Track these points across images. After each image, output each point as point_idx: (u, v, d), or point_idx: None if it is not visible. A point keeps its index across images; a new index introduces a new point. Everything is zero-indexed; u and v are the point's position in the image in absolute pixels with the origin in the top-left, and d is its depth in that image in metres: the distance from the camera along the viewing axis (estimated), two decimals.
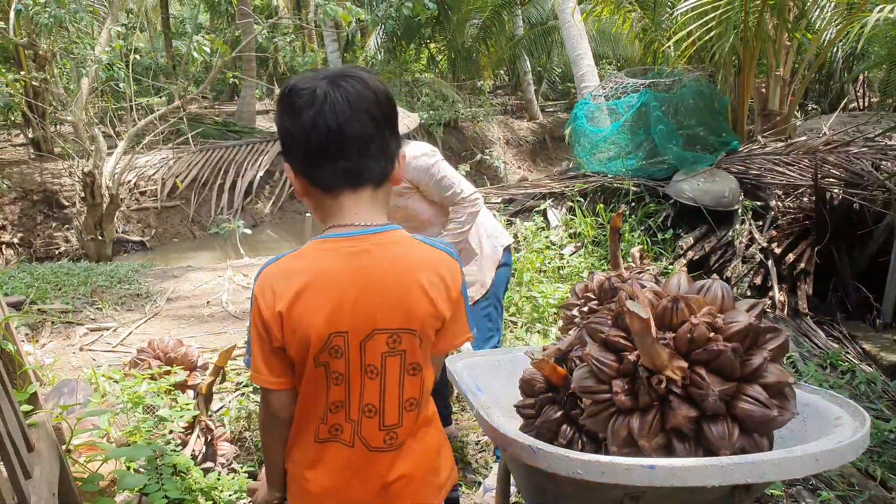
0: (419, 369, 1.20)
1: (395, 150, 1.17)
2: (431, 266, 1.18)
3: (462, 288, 1.23)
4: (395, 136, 1.17)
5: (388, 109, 1.14)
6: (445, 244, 1.24)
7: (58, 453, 1.48)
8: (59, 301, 4.45)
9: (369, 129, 1.10)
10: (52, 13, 5.33)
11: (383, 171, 1.15)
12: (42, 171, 9.42)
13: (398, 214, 2.39)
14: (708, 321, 1.31)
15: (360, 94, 1.10)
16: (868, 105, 11.49)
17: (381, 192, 1.18)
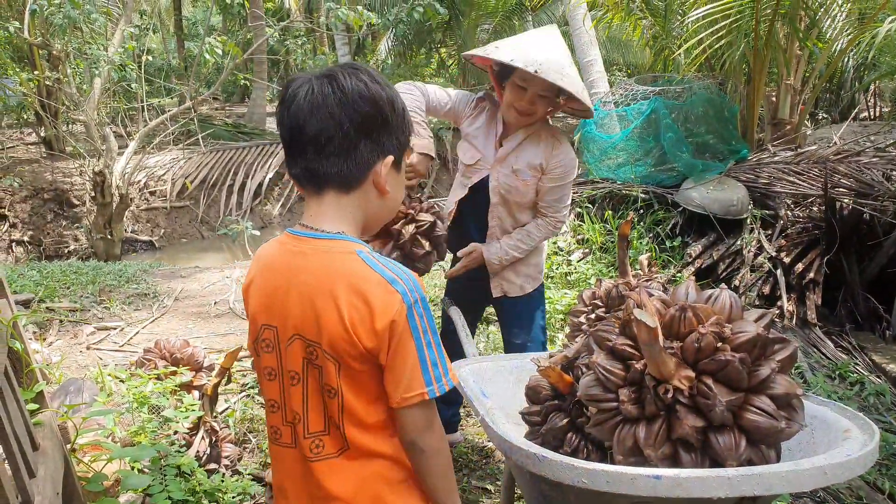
0: (335, 394, 1.10)
1: (368, 155, 1.10)
2: (357, 287, 1.06)
3: (410, 329, 1.06)
4: (371, 142, 1.10)
5: (362, 112, 1.07)
6: (401, 273, 1.08)
7: (63, 452, 1.49)
8: (67, 300, 4.48)
9: (328, 129, 1.07)
10: (67, 14, 5.38)
11: (346, 174, 1.10)
12: (53, 170, 9.51)
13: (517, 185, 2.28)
14: (716, 331, 1.30)
15: (328, 93, 1.07)
16: (879, 115, 11.42)
17: (349, 199, 1.13)
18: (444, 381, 1.09)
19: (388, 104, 1.11)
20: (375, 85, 1.09)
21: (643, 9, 6.18)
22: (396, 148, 1.14)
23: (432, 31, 13.56)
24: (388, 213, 1.22)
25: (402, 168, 1.19)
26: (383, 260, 1.11)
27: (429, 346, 1.08)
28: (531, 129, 2.29)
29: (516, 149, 2.28)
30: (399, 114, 1.13)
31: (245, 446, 2.78)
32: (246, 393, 3.21)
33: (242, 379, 3.35)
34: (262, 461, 2.68)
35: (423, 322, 1.08)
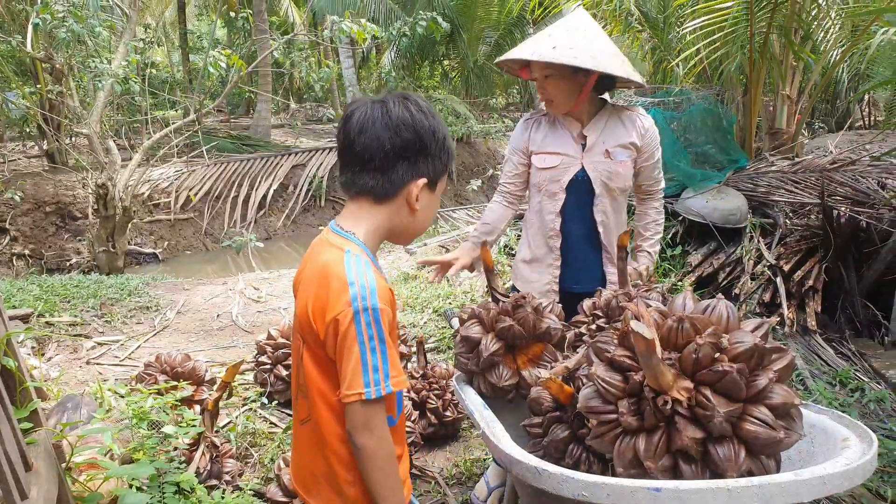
0: (301, 367, 1.30)
1: (403, 175, 1.26)
2: (326, 279, 1.21)
3: (355, 332, 1.16)
4: (408, 163, 1.25)
5: (403, 137, 1.23)
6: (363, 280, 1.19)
7: (57, 472, 1.49)
8: (67, 314, 4.49)
9: (372, 148, 1.23)
10: (70, 28, 5.42)
11: (380, 189, 1.26)
12: (56, 183, 9.54)
13: (615, 168, 2.25)
14: (713, 341, 1.30)
15: (377, 118, 1.23)
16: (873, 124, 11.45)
17: (379, 209, 1.29)
18: (382, 384, 1.17)
19: (428, 132, 1.25)
20: (420, 114, 1.25)
21: (642, 22, 6.23)
22: (432, 172, 1.29)
23: (435, 45, 13.65)
24: (418, 228, 1.35)
25: (436, 190, 1.33)
26: (361, 264, 1.21)
27: (373, 352, 1.17)
28: (605, 112, 2.28)
29: (601, 135, 2.26)
30: (439, 142, 1.27)
31: (247, 461, 2.78)
32: (248, 407, 3.21)
33: (244, 393, 3.35)
34: (263, 476, 2.67)
35: (371, 329, 1.17)
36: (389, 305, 1.23)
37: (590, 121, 2.28)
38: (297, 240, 11.40)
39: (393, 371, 1.20)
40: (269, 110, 14.92)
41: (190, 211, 10.57)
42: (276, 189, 11.59)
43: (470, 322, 1.90)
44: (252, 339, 4.11)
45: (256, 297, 5.28)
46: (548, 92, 2.20)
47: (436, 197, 1.34)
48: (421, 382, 2.91)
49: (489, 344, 1.81)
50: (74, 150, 8.97)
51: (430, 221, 1.38)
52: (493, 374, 1.82)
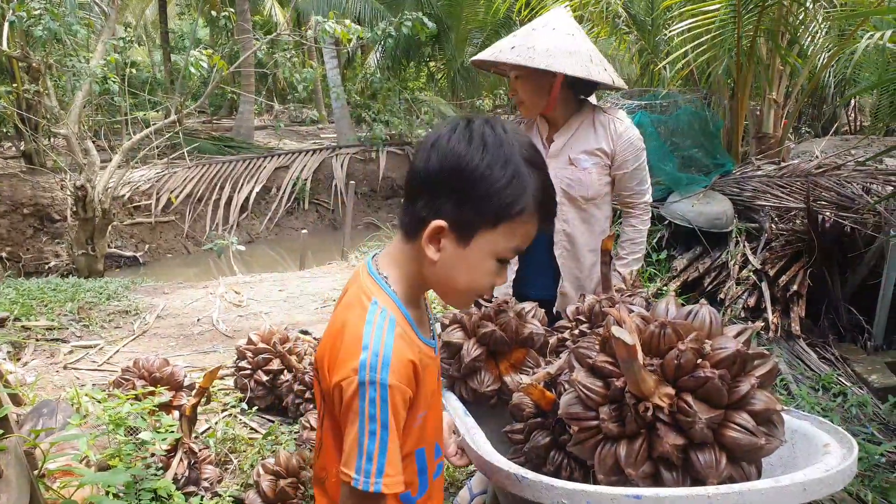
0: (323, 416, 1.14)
1: (421, 211, 1.04)
2: (341, 331, 1.05)
3: (357, 406, 0.98)
4: (430, 199, 1.03)
5: (437, 165, 1.02)
6: (378, 346, 1.00)
7: (28, 479, 1.44)
8: (44, 318, 4.41)
9: (413, 170, 1.07)
10: (46, 25, 5.32)
11: (406, 223, 1.08)
12: (33, 185, 9.40)
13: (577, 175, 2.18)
14: (695, 347, 1.29)
15: (437, 137, 1.05)
16: (859, 129, 11.60)
17: (408, 248, 1.09)
18: (372, 480, 0.99)
19: (470, 167, 1.00)
20: (478, 146, 1.01)
21: (629, 24, 6.24)
22: (458, 217, 1.02)
23: (421, 45, 13.63)
24: (448, 284, 1.09)
25: (474, 246, 1.04)
26: (383, 323, 1.03)
27: (371, 436, 0.98)
28: (580, 117, 2.22)
29: (569, 140, 2.20)
30: (484, 187, 1.00)
31: (226, 468, 2.73)
32: (228, 413, 3.16)
33: (224, 398, 3.30)
34: (243, 482, 2.63)
35: (374, 409, 0.98)
36: (408, 382, 1.02)
37: (563, 125, 2.23)
38: (279, 243, 11.32)
39: (389, 468, 1.00)
40: (251, 111, 14.82)
41: (171, 213, 10.46)
42: (258, 191, 11.50)
43: (451, 327, 1.87)
44: (233, 344, 4.05)
45: (238, 301, 5.22)
46: (518, 93, 2.16)
47: (474, 254, 1.05)
48: None
49: (471, 349, 1.78)
50: (52, 151, 8.84)
51: (471, 282, 1.08)
52: (475, 379, 1.79)
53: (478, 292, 1.11)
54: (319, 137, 15.91)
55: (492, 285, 1.11)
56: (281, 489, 2.24)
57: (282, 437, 2.85)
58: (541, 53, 2.06)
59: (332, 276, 6.28)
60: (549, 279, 2.31)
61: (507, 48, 2.11)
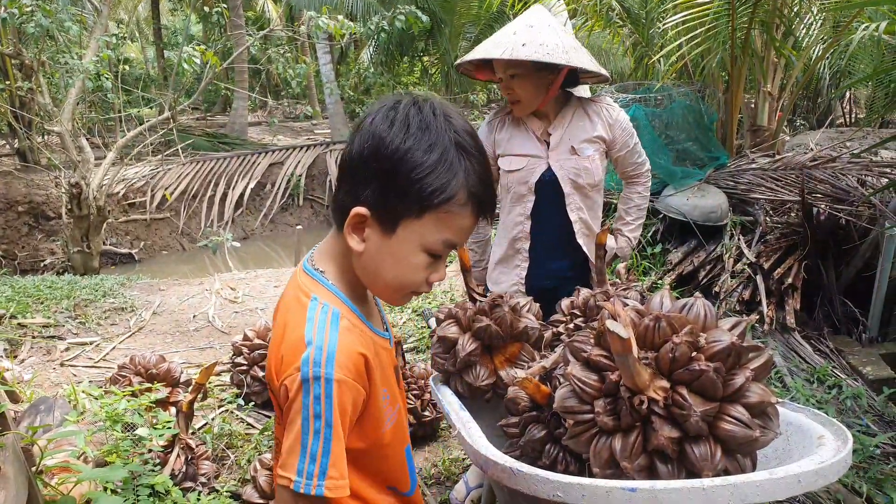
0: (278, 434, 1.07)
1: (343, 198, 0.98)
2: (284, 334, 0.98)
3: (300, 402, 0.91)
4: (351, 184, 0.96)
5: (360, 147, 0.95)
6: (322, 342, 0.93)
7: (26, 476, 1.44)
8: (40, 315, 4.39)
9: (339, 168, 1.00)
10: (38, 22, 5.28)
11: (333, 210, 1.02)
12: (28, 183, 9.35)
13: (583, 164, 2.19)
14: (690, 340, 1.29)
15: (353, 132, 0.98)
16: (854, 121, 11.62)
17: (339, 239, 1.02)
18: (314, 482, 0.90)
19: (391, 151, 0.92)
20: (401, 126, 0.93)
21: (623, 17, 6.23)
22: (378, 204, 0.94)
23: (415, 40, 13.60)
24: (371, 278, 1.02)
25: (401, 236, 0.96)
26: (326, 317, 0.96)
27: (315, 435, 0.91)
28: (570, 108, 2.23)
29: (567, 131, 2.21)
30: (407, 171, 0.92)
31: (223, 463, 2.73)
32: (224, 408, 3.16)
33: (221, 394, 3.30)
34: (240, 477, 2.63)
35: (319, 406, 0.91)
36: (357, 376, 0.95)
37: (555, 118, 2.23)
38: (274, 239, 11.31)
39: (332, 470, 0.91)
40: (245, 108, 14.77)
41: (166, 210, 10.43)
42: (253, 188, 11.48)
43: (447, 322, 1.87)
44: (228, 340, 4.05)
45: (233, 297, 5.21)
46: (515, 92, 2.15)
47: (400, 245, 0.97)
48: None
49: (466, 344, 1.78)
50: (46, 149, 8.79)
51: (399, 276, 0.99)
52: (470, 374, 1.80)
53: (408, 287, 1.02)
54: (313, 133, 15.86)
55: (423, 281, 1.02)
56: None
57: None
58: (556, 49, 2.06)
59: None
60: (563, 267, 2.33)
61: (515, 46, 2.07)
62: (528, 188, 2.23)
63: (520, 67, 2.11)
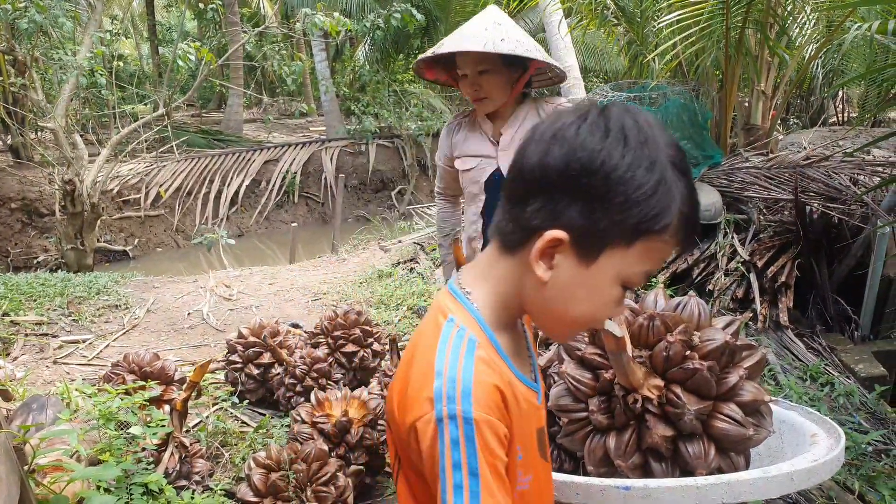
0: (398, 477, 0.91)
1: (532, 217, 0.80)
2: (412, 354, 0.85)
3: (437, 450, 0.75)
4: (545, 202, 0.80)
5: (554, 160, 0.78)
6: (455, 372, 0.77)
7: (18, 475, 1.43)
8: (33, 312, 4.37)
9: (518, 180, 0.83)
10: (32, 18, 5.24)
11: (507, 229, 0.84)
12: (21, 179, 9.30)
13: None
14: (684, 339, 1.30)
15: (550, 127, 0.81)
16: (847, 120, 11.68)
17: (506, 262, 0.85)
18: None
19: (597, 163, 0.77)
20: (600, 134, 0.78)
21: (618, 16, 6.24)
22: (582, 226, 0.78)
23: (410, 38, 13.57)
24: (548, 312, 0.85)
25: (601, 266, 0.80)
26: (460, 344, 0.80)
27: (457, 490, 0.74)
28: (524, 109, 2.26)
29: (518, 131, 2.24)
30: (617, 186, 0.76)
31: (217, 461, 2.73)
32: (219, 406, 3.15)
33: (215, 392, 3.29)
34: (234, 476, 2.63)
35: (458, 453, 0.74)
36: (498, 413, 0.78)
37: (509, 118, 2.27)
38: (269, 236, 11.28)
39: None
40: (240, 104, 14.73)
41: (160, 207, 10.40)
42: (248, 185, 11.46)
43: None
44: (223, 338, 4.04)
45: (228, 295, 5.20)
46: (483, 89, 2.16)
47: (599, 276, 0.81)
48: None
49: None
50: (40, 145, 8.75)
51: (588, 312, 0.84)
52: None
53: (590, 324, 0.88)
54: (309, 130, 15.82)
55: (608, 317, 0.88)
56: (272, 482, 2.24)
57: (273, 431, 2.85)
58: (532, 47, 2.11)
59: (323, 269, 6.27)
60: None
61: (495, 40, 2.09)
62: (479, 187, 2.29)
63: (491, 63, 2.13)
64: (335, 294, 5.15)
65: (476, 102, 2.20)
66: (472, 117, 2.34)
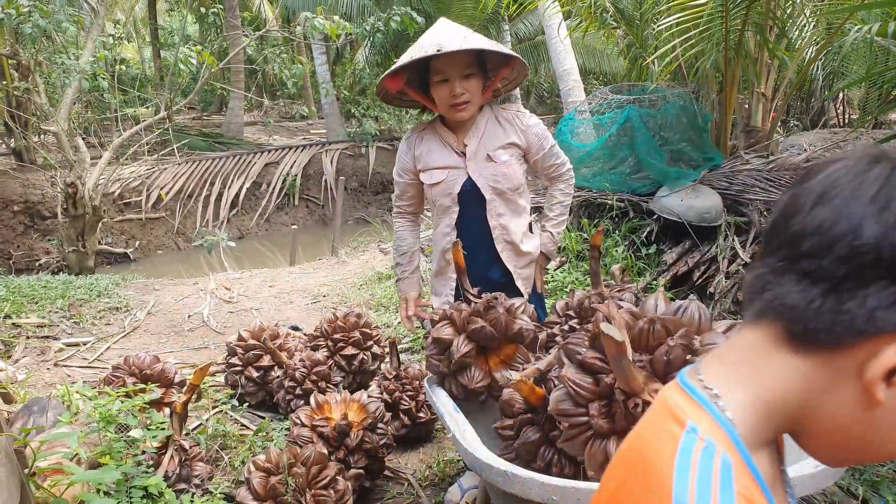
0: None
1: (871, 314, 0.56)
2: (633, 473, 0.63)
3: None
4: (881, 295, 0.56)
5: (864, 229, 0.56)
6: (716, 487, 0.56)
7: (19, 478, 1.43)
8: (35, 315, 4.38)
9: (826, 234, 0.58)
10: (35, 22, 5.27)
11: (811, 315, 0.59)
12: (24, 182, 9.32)
13: (500, 170, 2.24)
14: (685, 343, 1.29)
15: (857, 184, 0.59)
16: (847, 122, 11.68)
17: (801, 362, 0.60)
18: None
19: None
20: None
21: (617, 19, 6.24)
22: None
23: (410, 41, 13.57)
24: (853, 440, 0.62)
25: None
26: (710, 469, 0.57)
27: None
28: (483, 117, 2.28)
29: (482, 139, 2.26)
30: None
31: (217, 464, 2.72)
32: (218, 409, 3.15)
33: (215, 395, 3.29)
34: (234, 479, 2.62)
35: None
36: None
37: (470, 128, 2.28)
38: (270, 239, 11.29)
39: None
40: (241, 107, 14.74)
41: (161, 210, 10.41)
42: (248, 187, 11.47)
43: (441, 323, 1.87)
44: (223, 340, 4.04)
45: (228, 297, 5.20)
46: (467, 93, 2.16)
47: None
48: (394, 383, 2.88)
49: (461, 345, 1.79)
50: (43, 148, 8.76)
51: None
52: (465, 375, 1.80)
53: None
54: (309, 133, 15.85)
55: None
56: (272, 486, 2.24)
57: (273, 434, 2.85)
58: (487, 42, 2.15)
59: (323, 271, 6.27)
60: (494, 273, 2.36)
61: (482, 42, 2.13)
62: (451, 199, 2.27)
63: (474, 68, 2.16)
64: (335, 296, 5.15)
65: (455, 108, 2.17)
66: (431, 130, 2.33)
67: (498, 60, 2.24)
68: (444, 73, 2.13)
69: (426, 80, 2.20)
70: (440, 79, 2.15)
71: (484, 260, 2.32)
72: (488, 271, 2.32)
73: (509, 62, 2.25)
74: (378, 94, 2.38)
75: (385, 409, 2.81)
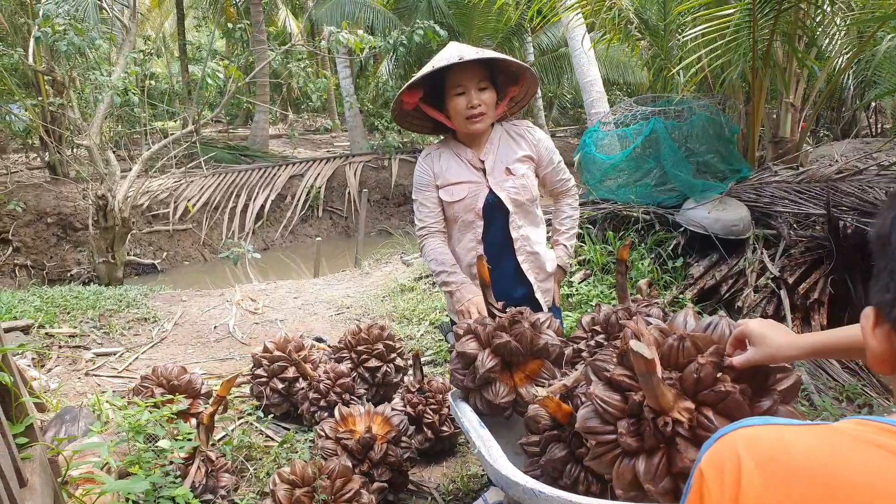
0: None
1: None
2: None
3: None
4: None
5: None
6: None
7: (52, 487, 1.46)
8: (67, 325, 4.47)
9: None
10: (70, 40, 5.43)
11: None
12: (57, 195, 9.56)
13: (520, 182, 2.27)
14: (715, 360, 1.27)
15: None
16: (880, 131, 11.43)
17: None
18: None
19: None
20: None
21: (641, 30, 6.22)
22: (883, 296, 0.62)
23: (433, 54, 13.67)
24: None
25: None
26: None
27: None
28: (496, 133, 2.33)
29: (497, 153, 2.30)
30: None
31: (242, 475, 2.74)
32: (244, 420, 3.17)
33: (241, 406, 3.32)
34: (259, 490, 2.63)
35: None
36: None
37: (484, 143, 2.31)
38: (294, 250, 11.40)
39: None
40: (266, 121, 14.96)
41: (188, 221, 10.58)
42: (273, 199, 11.61)
43: (466, 337, 1.87)
44: (249, 351, 4.08)
45: (253, 308, 5.25)
46: (484, 104, 2.21)
47: None
48: (417, 397, 2.88)
49: (485, 360, 1.78)
50: (75, 162, 8.99)
51: None
52: (490, 391, 1.79)
53: None
54: (333, 146, 16.02)
55: None
56: (296, 498, 2.24)
57: (297, 445, 2.86)
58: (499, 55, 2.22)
59: (346, 283, 6.31)
60: (518, 283, 2.37)
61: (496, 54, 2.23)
62: (475, 214, 2.29)
63: (488, 82, 2.22)
64: (358, 308, 5.17)
65: (471, 120, 2.21)
66: (446, 147, 2.35)
67: (508, 78, 2.30)
68: (462, 85, 2.19)
69: (440, 98, 2.26)
70: (457, 91, 2.20)
71: (507, 273, 2.33)
72: (512, 290, 2.32)
73: (518, 80, 2.32)
74: (393, 112, 2.42)
75: (408, 423, 2.81)
